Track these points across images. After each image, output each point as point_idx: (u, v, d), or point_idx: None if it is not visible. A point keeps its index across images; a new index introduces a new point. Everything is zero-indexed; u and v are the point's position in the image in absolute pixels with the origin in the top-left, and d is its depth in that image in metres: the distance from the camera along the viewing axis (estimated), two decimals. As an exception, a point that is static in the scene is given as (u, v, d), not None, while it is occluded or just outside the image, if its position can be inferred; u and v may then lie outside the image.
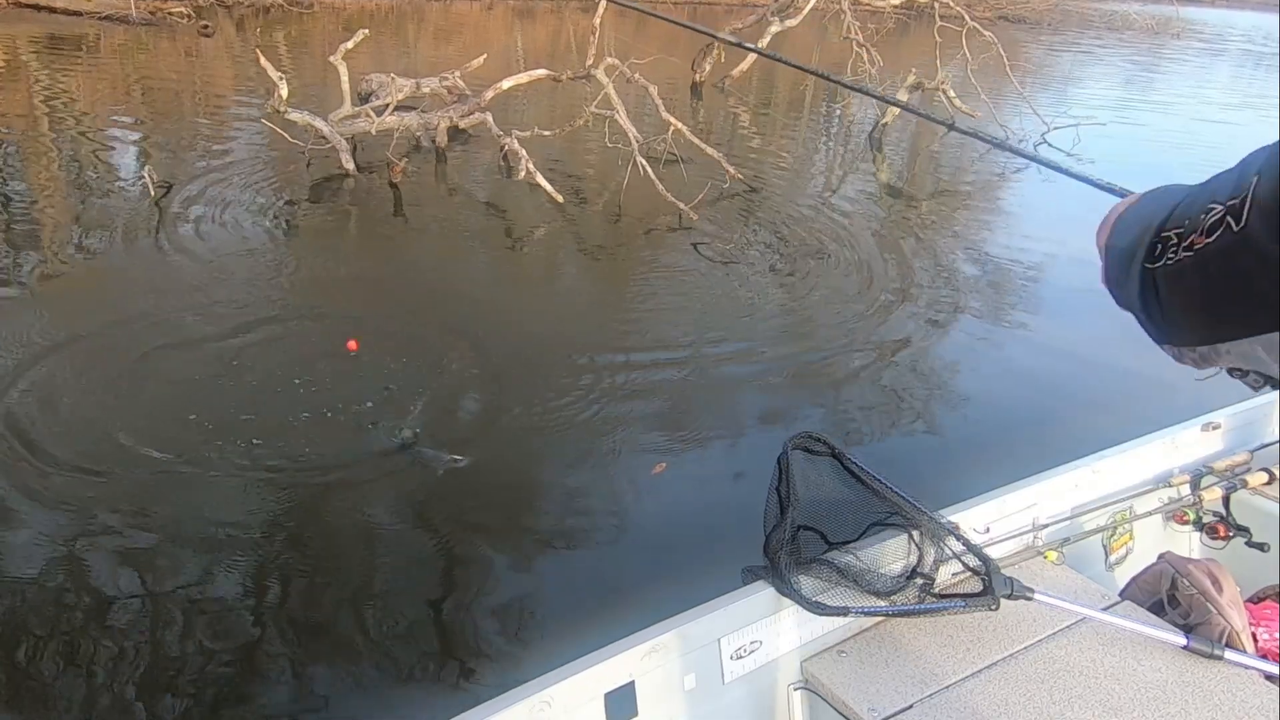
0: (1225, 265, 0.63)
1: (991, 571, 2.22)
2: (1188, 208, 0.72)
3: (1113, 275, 0.86)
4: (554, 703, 1.90)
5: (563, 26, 26.72)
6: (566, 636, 3.34)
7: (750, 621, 2.16)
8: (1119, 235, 0.86)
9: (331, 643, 3.32)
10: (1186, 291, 0.70)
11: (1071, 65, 27.65)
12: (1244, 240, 0.61)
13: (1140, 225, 0.80)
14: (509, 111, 10.70)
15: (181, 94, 13.37)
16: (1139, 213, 0.84)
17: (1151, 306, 0.76)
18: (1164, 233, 0.74)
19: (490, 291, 6.57)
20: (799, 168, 12.17)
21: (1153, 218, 0.77)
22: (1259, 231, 0.59)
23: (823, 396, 5.41)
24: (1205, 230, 0.65)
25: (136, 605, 3.40)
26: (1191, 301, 0.70)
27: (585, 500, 4.24)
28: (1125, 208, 0.90)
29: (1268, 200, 0.59)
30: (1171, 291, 0.72)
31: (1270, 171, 0.60)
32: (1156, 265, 0.74)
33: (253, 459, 4.30)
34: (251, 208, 8.03)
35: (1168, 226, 0.74)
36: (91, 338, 5.32)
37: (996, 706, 2.04)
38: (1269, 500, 2.83)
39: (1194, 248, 0.67)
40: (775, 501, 2.24)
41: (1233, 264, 0.62)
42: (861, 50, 14.25)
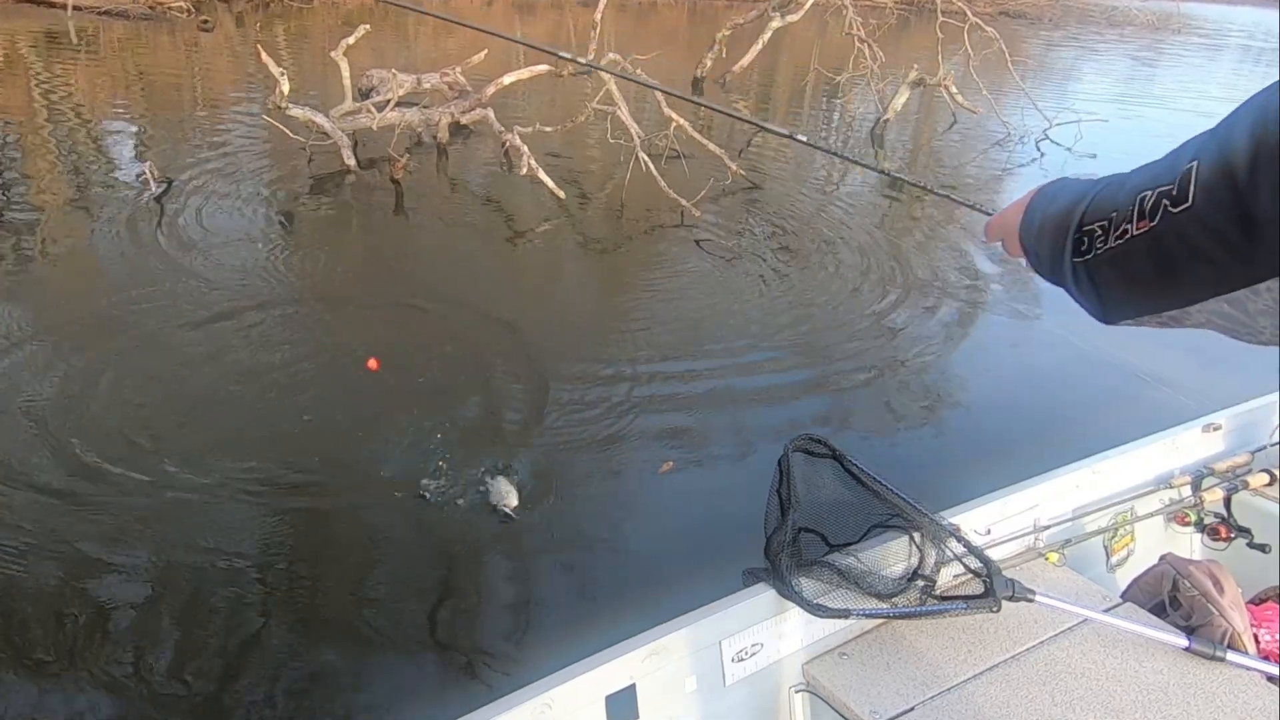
0: (1176, 241, 0.71)
1: (993, 573, 2.22)
2: (1107, 200, 0.81)
3: (1044, 270, 0.94)
4: (554, 705, 1.90)
5: (562, 22, 26.67)
6: (571, 639, 3.35)
7: (751, 624, 2.16)
8: (1035, 238, 0.94)
9: (334, 642, 3.32)
10: (1136, 271, 0.77)
11: (1072, 61, 27.63)
12: (1190, 217, 0.68)
13: (1054, 224, 0.88)
14: (507, 107, 10.68)
15: (181, 89, 13.36)
16: (1046, 211, 0.92)
17: (1090, 293, 0.84)
18: (1085, 227, 0.82)
19: (492, 290, 6.55)
20: (801, 163, 12.14)
21: (1067, 215, 0.86)
22: (1205, 207, 0.67)
23: (823, 394, 5.40)
24: (1145, 214, 0.73)
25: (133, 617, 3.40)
26: (1145, 278, 0.76)
27: (590, 500, 4.23)
28: (1024, 209, 0.98)
29: (1211, 180, 0.67)
30: (1117, 275, 0.80)
31: (1209, 157, 0.68)
32: (1087, 257, 0.82)
33: (248, 460, 4.30)
34: (253, 204, 8.02)
35: (1088, 220, 0.82)
36: (88, 338, 5.32)
37: (998, 708, 2.04)
38: (1270, 501, 2.83)
39: (1132, 234, 0.75)
40: (776, 503, 2.24)
41: (1184, 239, 0.70)
42: (863, 46, 14.21)
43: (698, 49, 17.60)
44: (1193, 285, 0.74)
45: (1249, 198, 0.64)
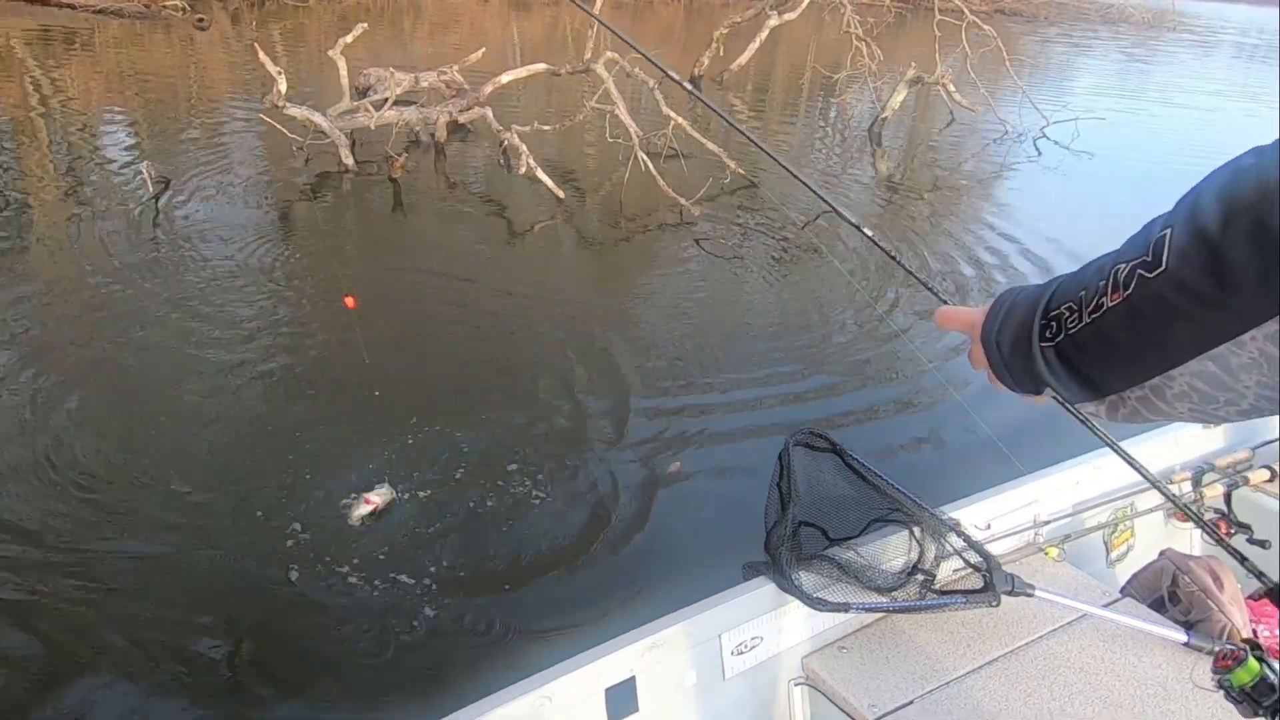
0: (1153, 305, 0.74)
1: (992, 568, 2.22)
2: (1071, 286, 0.86)
3: (1004, 366, 0.97)
4: (554, 698, 1.90)
5: (559, 19, 26.66)
6: (571, 633, 3.35)
7: (751, 617, 2.16)
8: (996, 331, 0.97)
9: (336, 634, 3.32)
10: (1116, 340, 0.80)
11: (1069, 59, 27.65)
12: (1167, 280, 0.72)
13: (1019, 316, 0.93)
14: (506, 106, 10.68)
15: (177, 88, 13.33)
16: (1010, 307, 0.96)
17: (1064, 374, 0.87)
18: (1052, 312, 0.87)
19: (491, 290, 6.54)
20: (799, 161, 12.15)
21: (1032, 305, 0.91)
22: (1180, 268, 0.71)
23: (823, 390, 5.41)
24: (1119, 286, 0.77)
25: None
26: (1125, 345, 0.79)
27: (590, 501, 4.23)
28: (987, 310, 1.02)
29: (1184, 241, 0.70)
30: (1096, 348, 0.83)
31: (1181, 221, 0.72)
32: (1056, 340, 0.87)
33: (245, 454, 4.30)
34: (250, 203, 8.01)
35: (1053, 305, 0.87)
36: (83, 340, 5.32)
37: (997, 702, 2.04)
38: (1270, 498, 2.83)
39: (1107, 306, 0.79)
40: (776, 497, 2.24)
41: (1160, 301, 0.73)
42: (861, 44, 14.22)
43: (695, 47, 17.60)
44: (1174, 346, 0.76)
45: (1223, 250, 0.67)
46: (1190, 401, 0.82)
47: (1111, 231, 3.67)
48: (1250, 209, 0.66)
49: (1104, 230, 8.66)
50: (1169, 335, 0.75)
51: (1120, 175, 12.39)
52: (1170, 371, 0.80)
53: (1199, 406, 0.82)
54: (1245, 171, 0.69)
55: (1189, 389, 0.81)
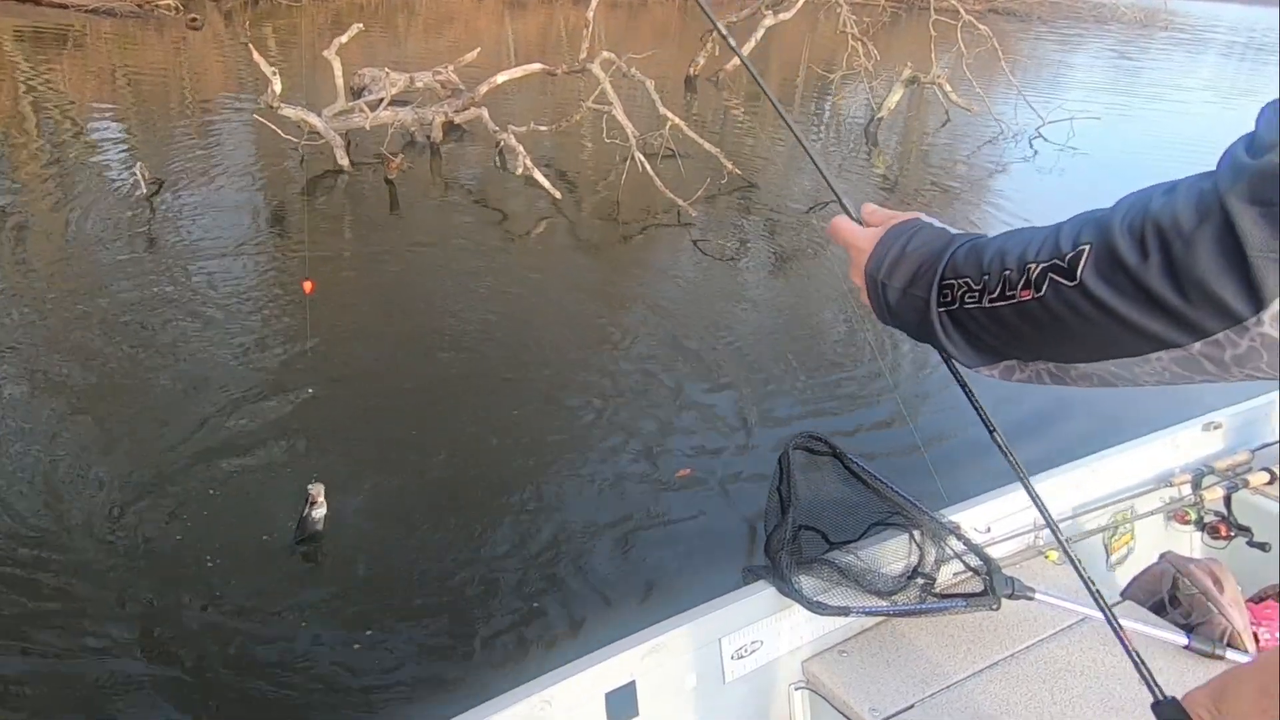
0: (1068, 311, 0.76)
1: (992, 571, 2.21)
2: (973, 261, 0.87)
3: (899, 320, 0.99)
4: (554, 702, 1.89)
5: (553, 18, 26.65)
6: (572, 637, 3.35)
7: (751, 621, 2.15)
8: (887, 268, 0.99)
9: (340, 637, 3.31)
10: (1019, 332, 0.83)
11: (1063, 58, 27.69)
12: (1081, 293, 0.74)
13: (911, 273, 0.96)
14: (500, 105, 10.66)
15: (171, 89, 13.30)
16: (906, 247, 0.98)
17: (957, 338, 0.91)
18: (946, 280, 0.90)
19: (488, 291, 6.53)
20: (797, 162, 12.15)
21: (929, 266, 0.93)
22: (1095, 287, 0.73)
23: (823, 393, 5.40)
24: (1031, 285, 0.79)
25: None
26: (1032, 338, 0.82)
27: (590, 502, 4.22)
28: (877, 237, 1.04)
29: (1103, 263, 0.73)
30: (996, 330, 0.85)
31: (1100, 240, 0.73)
32: (952, 308, 0.89)
33: (242, 452, 4.29)
34: (245, 205, 7.99)
35: (949, 275, 0.90)
36: (74, 343, 5.29)
37: (998, 706, 2.03)
38: (1270, 500, 2.83)
39: (1016, 299, 0.81)
40: (776, 501, 2.23)
41: (1075, 311, 0.75)
42: (857, 44, 14.23)
43: (689, 47, 17.58)
44: (1082, 350, 0.79)
45: (1136, 277, 0.70)
46: (1090, 382, 0.84)
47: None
48: (1163, 244, 0.68)
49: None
50: (1078, 341, 0.78)
51: (1116, 174, 12.41)
52: (1074, 364, 0.83)
53: (1098, 386, 0.84)
54: (1155, 215, 0.70)
55: (1089, 373, 0.82)
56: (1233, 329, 0.67)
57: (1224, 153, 0.69)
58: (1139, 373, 0.77)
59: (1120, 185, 3.00)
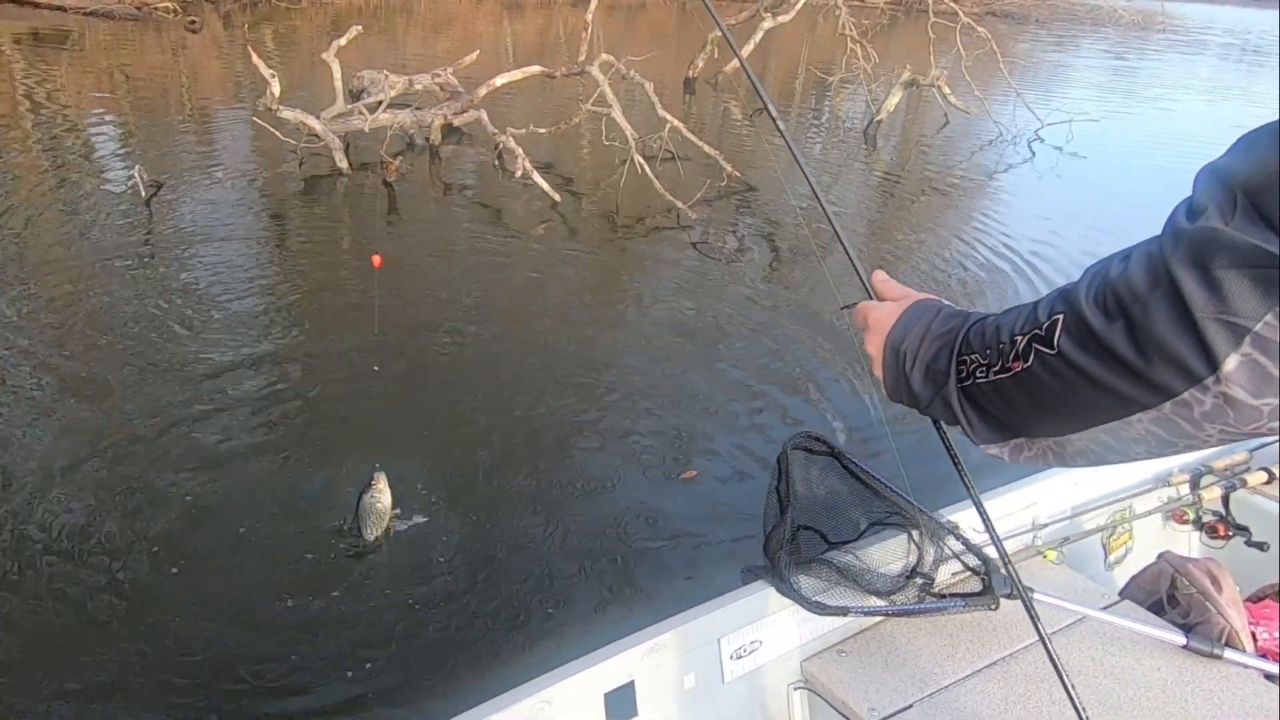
0: (1055, 381, 0.80)
1: (991, 571, 2.21)
2: (981, 337, 0.92)
3: (920, 399, 1.04)
4: (553, 702, 1.89)
5: (552, 21, 26.67)
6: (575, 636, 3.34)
7: (750, 621, 2.15)
8: (915, 344, 1.04)
9: (339, 636, 3.31)
10: (1017, 404, 0.87)
11: (1061, 61, 27.72)
12: (1061, 361, 0.78)
13: (932, 351, 1.01)
14: (499, 108, 10.66)
15: (169, 91, 13.30)
16: (927, 336, 1.03)
17: (972, 417, 0.95)
18: (961, 356, 0.94)
19: (488, 294, 6.53)
20: (796, 163, 12.15)
21: (946, 343, 0.99)
22: (1070, 353, 0.77)
23: (823, 393, 5.40)
24: (1019, 356, 0.83)
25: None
26: (1026, 410, 0.86)
27: (595, 504, 4.22)
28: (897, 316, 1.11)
29: (1071, 331, 0.77)
30: (999, 407, 0.90)
31: (1069, 314, 0.78)
32: (967, 384, 0.93)
33: (245, 452, 4.29)
34: (244, 207, 8.00)
35: (963, 351, 0.94)
36: (76, 347, 5.29)
37: (996, 706, 2.03)
38: (1268, 499, 2.83)
39: (1011, 371, 0.85)
40: (775, 501, 2.23)
41: (1061, 380, 0.79)
42: (856, 46, 14.24)
43: (688, 49, 17.60)
44: (1070, 417, 0.82)
45: (1105, 342, 0.74)
46: (1087, 459, 0.87)
47: (1109, 235, 3.70)
48: (1122, 309, 0.72)
49: (1100, 233, 8.70)
50: (1066, 409, 0.81)
51: (1114, 177, 12.44)
52: (1067, 436, 0.85)
53: (1093, 462, 0.87)
54: (1114, 282, 0.74)
55: (1085, 449, 0.85)
56: (1195, 388, 0.69)
57: (1168, 217, 0.72)
58: (1127, 440, 0.79)
59: (1118, 188, 3.03)
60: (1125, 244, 0.81)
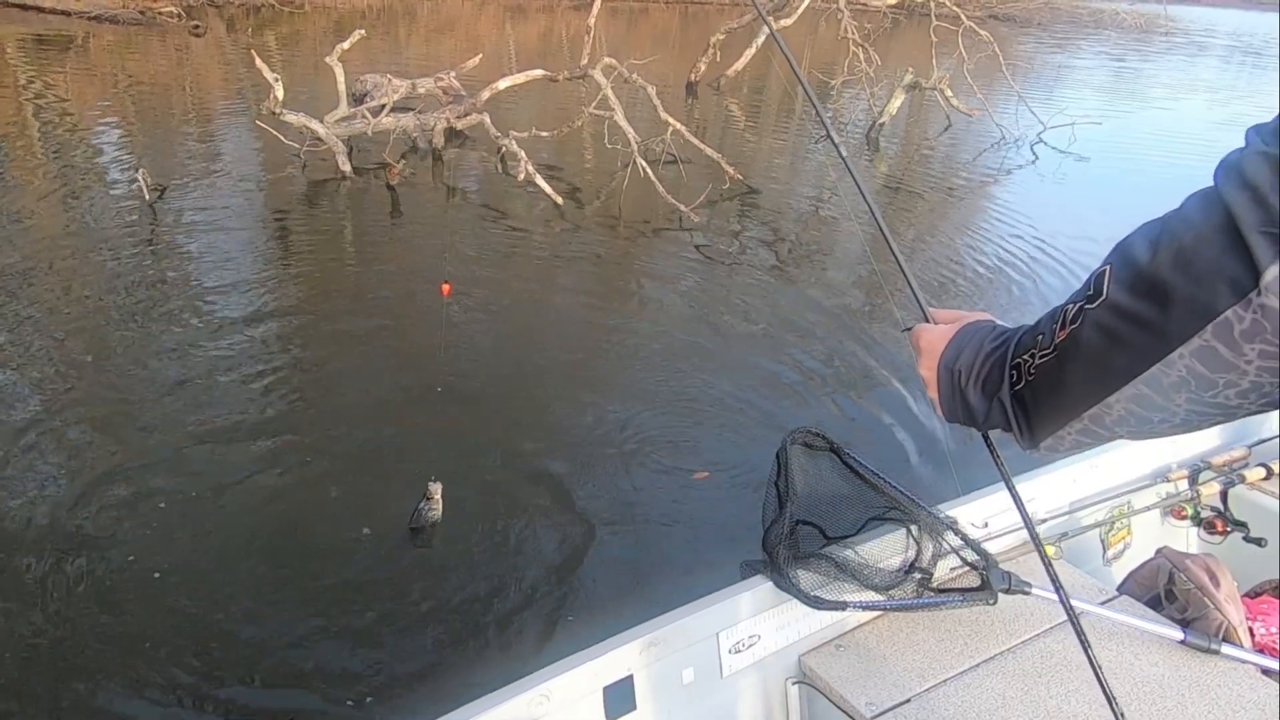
0: (1095, 331, 0.83)
1: (989, 566, 2.22)
2: (1031, 335, 0.95)
3: (977, 413, 1.05)
4: (552, 696, 1.89)
5: (554, 25, 26.70)
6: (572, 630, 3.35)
7: (748, 616, 2.16)
8: (969, 361, 1.06)
9: (340, 630, 3.32)
10: (1063, 374, 0.88)
11: (1063, 63, 27.72)
12: (1106, 306, 0.81)
13: (984, 364, 1.03)
14: (502, 111, 10.68)
15: (173, 95, 13.34)
16: (979, 352, 1.05)
17: (1021, 418, 0.97)
18: (1014, 362, 0.96)
19: (491, 299, 6.53)
20: (798, 167, 12.19)
21: (999, 354, 1.01)
22: (1118, 295, 0.80)
23: (824, 392, 5.41)
24: (1066, 323, 0.86)
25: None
26: (1070, 378, 0.88)
27: (595, 506, 4.23)
28: (951, 335, 1.13)
29: (1119, 273, 0.80)
30: (1044, 389, 0.92)
31: (1117, 258, 0.81)
32: (1019, 386, 0.96)
33: (248, 459, 4.31)
34: (247, 211, 8.02)
35: (1016, 356, 0.96)
36: (79, 351, 5.30)
37: (994, 700, 2.04)
38: (1267, 496, 2.83)
39: (1056, 341, 0.88)
40: (774, 496, 2.24)
41: (1101, 327, 0.82)
42: (858, 49, 14.25)
43: (690, 53, 17.62)
44: (1113, 370, 0.83)
45: (1152, 275, 0.77)
46: (1128, 425, 0.87)
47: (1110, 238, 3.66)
48: (1174, 239, 0.76)
49: (1103, 235, 8.69)
50: (1108, 360, 0.83)
51: (1117, 179, 12.43)
52: (1107, 400, 0.86)
53: (1136, 428, 0.87)
54: (1169, 216, 0.78)
55: (1126, 414, 0.86)
56: (1237, 304, 0.71)
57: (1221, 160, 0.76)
58: (1167, 389, 0.80)
59: (1121, 191, 3.04)
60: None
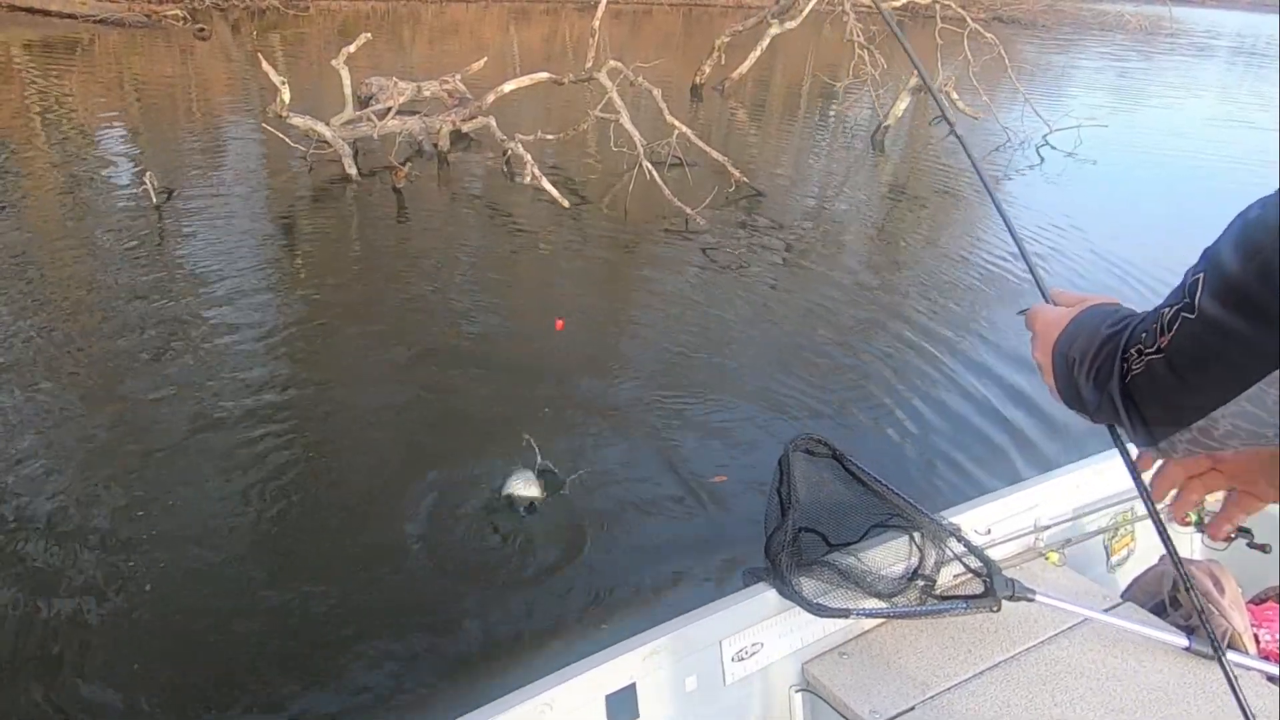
0: (1195, 345, 0.79)
1: (993, 573, 2.21)
2: (1139, 329, 0.90)
3: (1089, 404, 1.00)
4: (555, 705, 1.89)
5: (558, 27, 26.73)
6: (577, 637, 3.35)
7: (751, 623, 2.16)
8: (1081, 347, 1.01)
9: (334, 640, 3.32)
10: (1167, 383, 0.84)
11: (1068, 66, 27.70)
12: (1201, 322, 0.77)
13: (1097, 351, 0.97)
14: (507, 114, 10.69)
15: (179, 98, 13.37)
16: (1092, 337, 0.99)
17: (1134, 415, 0.91)
18: (1126, 353, 0.91)
19: (498, 301, 6.54)
20: (803, 170, 12.19)
21: (1112, 342, 0.94)
22: (1210, 310, 0.76)
23: (829, 397, 5.40)
24: (1166, 329, 0.82)
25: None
26: (1173, 389, 0.84)
27: (596, 507, 4.23)
28: (1069, 318, 1.08)
29: (1211, 287, 0.77)
30: (1152, 391, 0.87)
31: (1208, 270, 0.77)
32: (1125, 380, 0.91)
33: (250, 471, 4.31)
34: (254, 214, 8.03)
35: (1128, 348, 0.91)
36: (89, 357, 5.30)
37: (998, 708, 2.04)
38: (1272, 501, 2.82)
39: (1160, 348, 0.83)
40: (776, 503, 2.24)
41: (1201, 342, 0.78)
42: (863, 52, 14.24)
43: (694, 55, 17.62)
44: (1213, 386, 0.80)
45: (1243, 291, 0.73)
46: (1239, 439, 0.84)
47: (1115, 238, 3.70)
48: (1259, 253, 0.72)
49: (1106, 235, 8.69)
50: (1207, 376, 0.80)
51: (1124, 182, 12.42)
52: (1212, 414, 0.82)
53: (1248, 441, 0.83)
54: (1253, 223, 0.74)
55: (1234, 429, 0.82)
56: None
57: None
58: (1273, 405, 0.77)
59: (1127, 193, 3.04)
60: (1131, 245, 0.82)
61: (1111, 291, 7.16)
